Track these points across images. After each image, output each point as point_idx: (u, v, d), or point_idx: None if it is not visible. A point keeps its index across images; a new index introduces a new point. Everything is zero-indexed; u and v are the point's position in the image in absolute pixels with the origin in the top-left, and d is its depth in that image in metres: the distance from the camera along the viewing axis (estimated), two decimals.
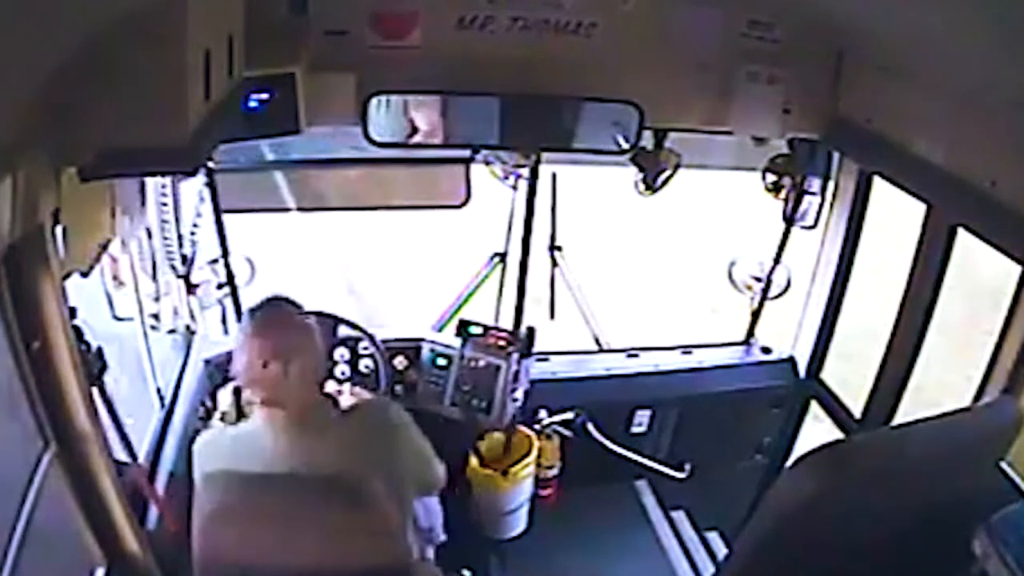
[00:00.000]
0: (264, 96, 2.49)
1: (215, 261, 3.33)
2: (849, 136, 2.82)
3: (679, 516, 3.49)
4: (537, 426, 3.26)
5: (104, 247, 2.39)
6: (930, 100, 2.40)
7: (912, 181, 2.56)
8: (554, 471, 3.32)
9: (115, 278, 2.76)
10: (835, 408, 3.39)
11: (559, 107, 2.87)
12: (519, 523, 3.27)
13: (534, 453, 3.18)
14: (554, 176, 3.38)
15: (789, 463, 1.91)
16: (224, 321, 3.46)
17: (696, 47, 2.82)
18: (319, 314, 3.15)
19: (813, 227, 3.31)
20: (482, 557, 3.24)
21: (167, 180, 3.00)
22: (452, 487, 2.69)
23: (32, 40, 1.36)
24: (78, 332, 1.92)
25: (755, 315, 3.62)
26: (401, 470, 2.23)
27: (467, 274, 3.81)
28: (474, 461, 3.16)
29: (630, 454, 3.37)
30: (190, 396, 2.98)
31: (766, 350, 3.63)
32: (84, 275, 2.09)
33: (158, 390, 2.97)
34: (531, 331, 3.22)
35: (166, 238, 3.08)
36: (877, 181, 3.00)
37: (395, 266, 7.16)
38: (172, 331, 3.21)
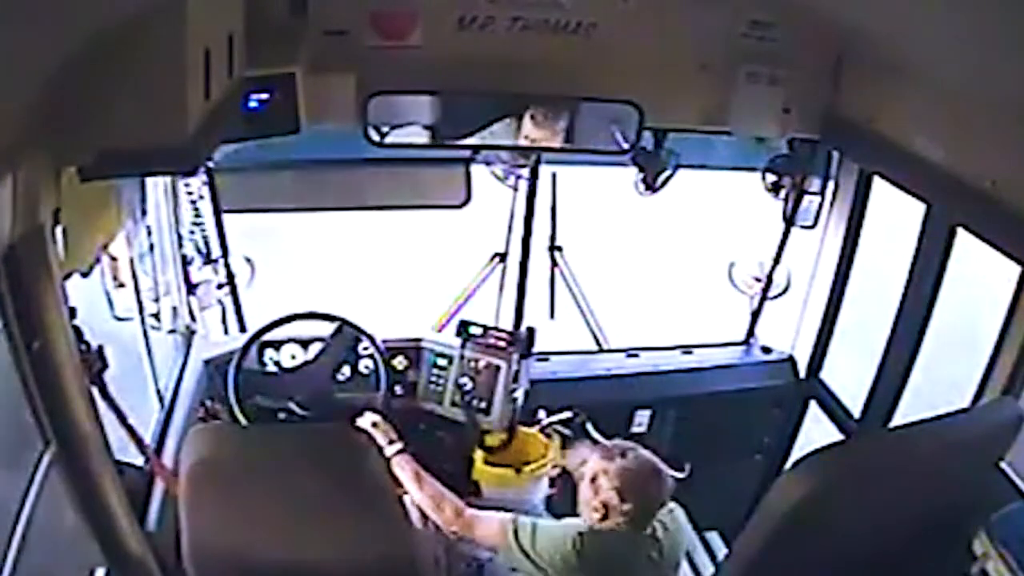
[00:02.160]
0: (264, 96, 2.49)
1: (215, 261, 3.33)
2: (849, 136, 2.82)
3: None
4: (537, 426, 3.26)
5: (104, 247, 2.39)
6: (930, 100, 2.40)
7: (912, 181, 2.57)
8: (557, 471, 3.32)
9: (115, 278, 2.76)
10: (834, 408, 3.40)
11: (560, 107, 2.87)
12: None
13: (551, 455, 3.16)
14: (554, 176, 3.38)
15: (789, 463, 1.91)
16: (224, 321, 3.47)
17: (696, 47, 2.82)
18: (319, 315, 3.17)
19: (813, 227, 3.32)
20: None
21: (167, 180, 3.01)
22: (457, 489, 2.69)
23: (32, 40, 1.36)
24: (78, 332, 1.92)
25: (755, 315, 3.62)
26: None
27: (467, 274, 3.82)
28: (480, 462, 3.15)
29: None
30: (190, 396, 2.98)
31: (766, 350, 3.63)
32: (84, 275, 2.09)
33: (158, 390, 2.97)
34: (531, 331, 3.22)
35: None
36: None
37: (394, 266, 7.16)
38: (172, 331, 3.21)
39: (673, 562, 2.57)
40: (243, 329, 3.46)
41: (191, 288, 3.27)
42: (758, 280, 3.53)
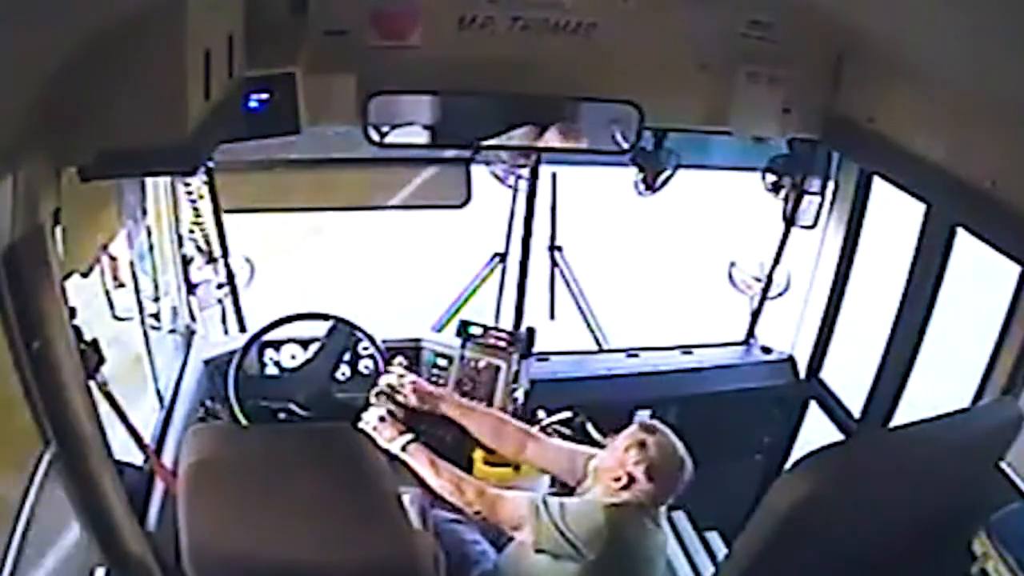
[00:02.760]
0: (264, 96, 2.49)
1: (215, 261, 3.33)
2: (849, 136, 2.82)
3: (679, 516, 3.49)
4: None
5: (104, 247, 2.39)
6: (930, 100, 2.40)
7: (912, 181, 2.57)
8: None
9: (115, 278, 2.75)
10: (834, 408, 3.40)
11: (559, 107, 2.87)
12: None
13: None
14: (554, 176, 3.38)
15: (789, 463, 1.91)
16: (224, 321, 3.47)
17: (696, 47, 2.82)
18: (318, 315, 3.17)
19: (813, 227, 3.32)
20: None
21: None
22: None
23: (32, 40, 1.36)
24: (78, 332, 1.92)
25: (755, 315, 3.62)
26: None
27: (467, 275, 3.82)
28: (479, 462, 3.15)
29: None
30: (190, 396, 2.98)
31: (766, 350, 3.63)
32: (84, 275, 2.08)
33: (158, 390, 2.97)
34: (531, 331, 3.22)
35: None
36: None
37: (393, 267, 7.16)
38: (172, 331, 3.21)
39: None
40: (243, 329, 3.46)
41: (191, 288, 3.27)
42: (758, 280, 3.54)
